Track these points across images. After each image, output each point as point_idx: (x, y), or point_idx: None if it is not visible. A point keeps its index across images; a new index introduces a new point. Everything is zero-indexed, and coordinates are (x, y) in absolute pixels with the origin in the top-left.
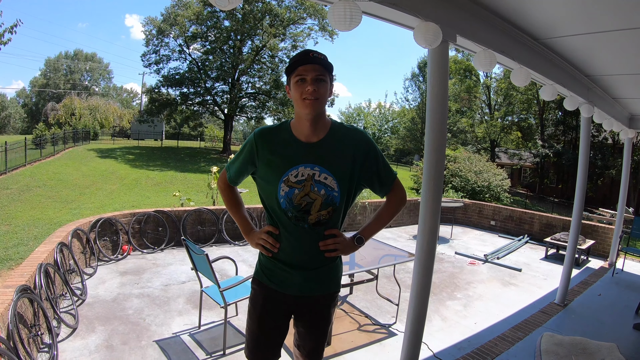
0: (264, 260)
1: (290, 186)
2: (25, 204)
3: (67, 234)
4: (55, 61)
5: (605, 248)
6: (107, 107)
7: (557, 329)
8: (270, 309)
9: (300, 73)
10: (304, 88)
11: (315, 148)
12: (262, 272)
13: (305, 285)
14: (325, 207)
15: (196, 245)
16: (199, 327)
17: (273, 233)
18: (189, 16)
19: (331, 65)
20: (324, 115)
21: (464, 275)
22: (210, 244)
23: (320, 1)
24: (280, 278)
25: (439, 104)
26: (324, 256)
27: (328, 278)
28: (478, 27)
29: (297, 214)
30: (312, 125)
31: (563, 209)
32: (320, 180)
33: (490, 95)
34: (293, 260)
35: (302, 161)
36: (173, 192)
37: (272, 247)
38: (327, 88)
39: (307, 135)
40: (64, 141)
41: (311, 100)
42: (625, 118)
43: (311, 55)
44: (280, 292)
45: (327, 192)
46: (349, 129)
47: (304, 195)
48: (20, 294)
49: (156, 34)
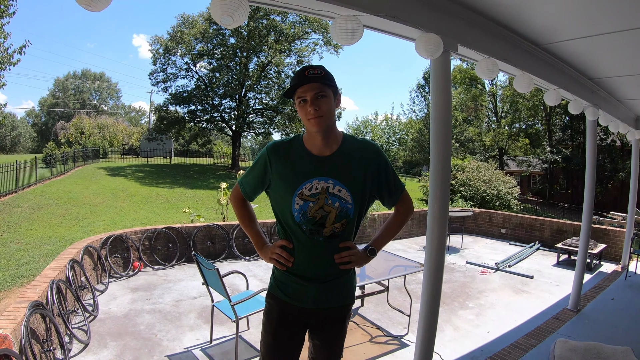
0: (278, 274)
1: (305, 199)
2: (36, 221)
3: (79, 250)
4: (64, 81)
5: (617, 251)
6: (116, 126)
7: (571, 334)
8: (285, 322)
9: (300, 95)
10: (306, 109)
11: (329, 161)
12: (277, 285)
13: (320, 298)
14: (339, 219)
15: (207, 260)
16: (210, 342)
17: (287, 247)
18: (195, 34)
19: (331, 78)
20: (334, 128)
21: (476, 285)
22: (221, 260)
23: (323, 16)
24: (294, 291)
25: (442, 113)
26: (338, 268)
27: (342, 290)
28: (479, 35)
29: (311, 227)
30: (324, 139)
31: (574, 214)
32: (335, 192)
33: (497, 103)
34: (308, 273)
35: (316, 174)
36: (183, 208)
37: (287, 261)
38: (330, 102)
39: (320, 149)
40: (73, 160)
41: (316, 119)
42: (631, 119)
43: (307, 74)
44: (295, 306)
45: (342, 204)
46: (360, 142)
47: (318, 209)
48: (33, 310)
49: (163, 53)
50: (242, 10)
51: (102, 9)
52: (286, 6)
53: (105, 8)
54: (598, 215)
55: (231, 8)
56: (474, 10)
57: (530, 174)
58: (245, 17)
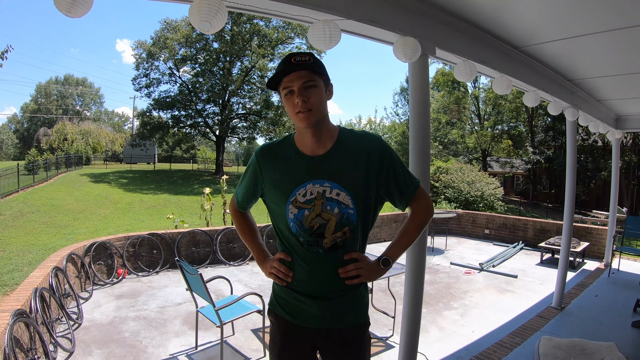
0: (278, 289)
1: (299, 207)
2: (19, 229)
3: (62, 258)
4: (45, 86)
5: (600, 249)
6: (99, 132)
7: (555, 332)
8: (288, 343)
9: (286, 85)
10: (293, 101)
11: (323, 161)
12: (277, 302)
13: (324, 318)
14: (340, 227)
15: (191, 266)
16: (195, 348)
17: (285, 260)
18: (178, 39)
19: (321, 65)
20: (327, 122)
21: (460, 285)
22: (206, 265)
23: (301, 21)
24: (296, 309)
25: (421, 115)
26: (344, 284)
27: (350, 308)
28: (457, 38)
29: (309, 239)
30: (315, 136)
31: (557, 214)
32: (332, 197)
33: (479, 106)
34: (309, 290)
35: (309, 178)
36: (167, 214)
37: (286, 276)
38: (321, 93)
39: (312, 148)
40: (56, 166)
41: (305, 113)
42: (611, 119)
43: (293, 61)
44: (298, 325)
45: (341, 210)
46: (359, 135)
47: (315, 217)
48: (16, 318)
49: (146, 58)
50: (221, 16)
51: (81, 15)
52: (264, 11)
53: (85, 14)
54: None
55: (209, 14)
56: (452, 14)
57: (513, 174)
58: (224, 23)
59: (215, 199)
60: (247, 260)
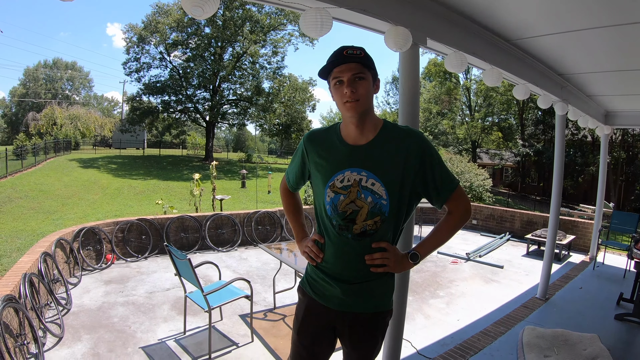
0: (310, 269)
1: (336, 192)
2: (7, 215)
3: (51, 244)
4: (34, 70)
5: (585, 243)
6: (88, 117)
7: (539, 322)
8: (310, 319)
9: (337, 75)
10: (342, 91)
11: (363, 151)
12: (307, 281)
13: (345, 300)
14: (371, 216)
15: (179, 251)
16: (184, 333)
17: (319, 242)
18: (169, 23)
19: (371, 60)
20: (372, 114)
21: (447, 274)
22: (194, 251)
23: (293, 8)
24: (321, 289)
25: (410, 105)
26: (368, 271)
27: (372, 294)
28: (448, 29)
29: (341, 223)
30: (359, 126)
31: (545, 207)
32: (367, 186)
33: (471, 97)
34: (334, 272)
35: (348, 165)
36: (156, 200)
37: (317, 256)
38: (369, 85)
39: (355, 138)
40: (45, 151)
41: (352, 103)
42: (600, 115)
43: (345, 53)
44: (321, 305)
45: (374, 199)
46: (402, 130)
47: (349, 202)
48: (5, 304)
49: (137, 42)
50: (213, 1)
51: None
52: None
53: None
54: (568, 208)
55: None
56: (444, 4)
57: (502, 166)
58: (216, 8)
59: (205, 185)
60: (236, 246)
